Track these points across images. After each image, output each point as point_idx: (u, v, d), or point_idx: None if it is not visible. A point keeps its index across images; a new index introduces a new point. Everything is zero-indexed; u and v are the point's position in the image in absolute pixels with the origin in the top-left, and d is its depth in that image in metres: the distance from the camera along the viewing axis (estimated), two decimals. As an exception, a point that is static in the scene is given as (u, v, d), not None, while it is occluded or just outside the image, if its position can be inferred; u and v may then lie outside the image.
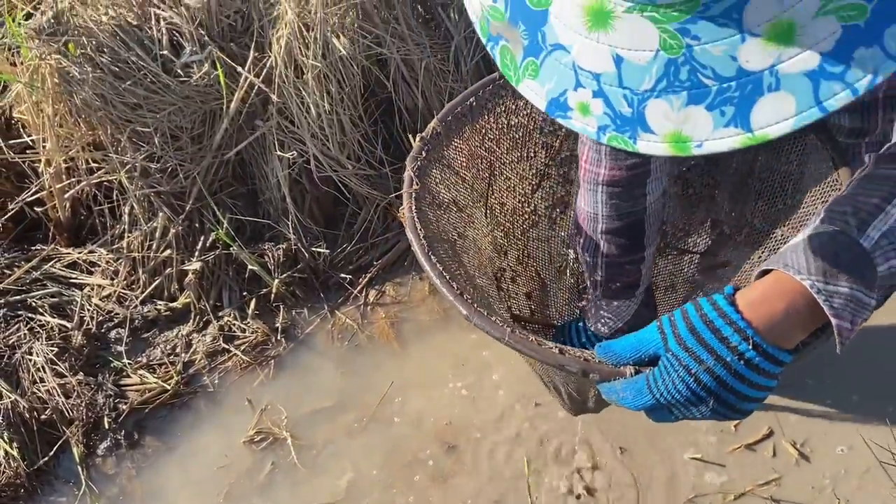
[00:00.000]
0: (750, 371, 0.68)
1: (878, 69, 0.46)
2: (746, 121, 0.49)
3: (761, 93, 0.48)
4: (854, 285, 0.67)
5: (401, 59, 1.94)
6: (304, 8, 1.73)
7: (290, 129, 1.84)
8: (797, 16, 0.46)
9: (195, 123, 1.75)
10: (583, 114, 0.55)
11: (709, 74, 0.49)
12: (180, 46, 1.67)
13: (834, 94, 0.47)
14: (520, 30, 0.57)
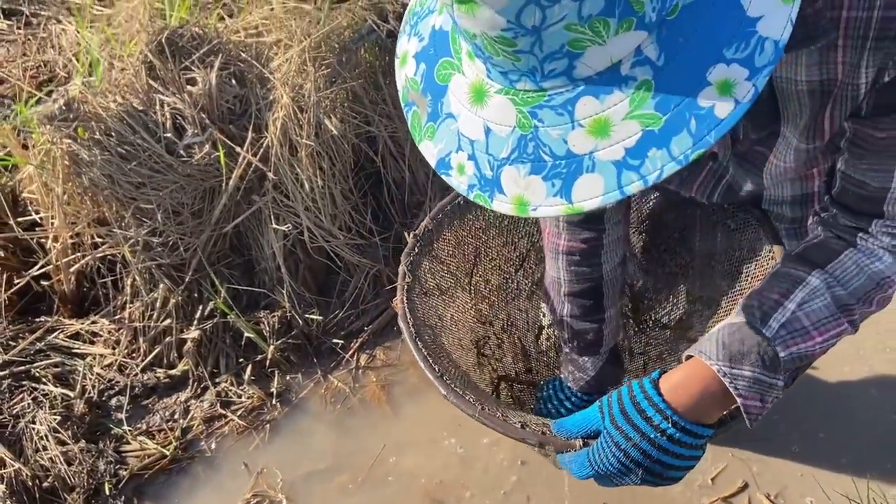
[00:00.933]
0: (672, 444, 0.78)
1: (664, 167, 0.58)
2: (569, 194, 0.61)
3: (581, 172, 0.61)
4: (757, 369, 0.78)
5: (388, 136, 2.07)
6: (298, 92, 1.86)
7: (285, 203, 1.95)
8: (612, 116, 0.59)
9: (195, 199, 1.85)
10: (459, 173, 0.67)
11: (547, 151, 0.62)
12: (182, 129, 1.79)
13: (631, 182, 0.59)
14: (427, 99, 0.70)
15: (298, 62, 1.84)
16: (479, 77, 0.64)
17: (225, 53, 1.83)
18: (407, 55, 0.73)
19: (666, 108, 0.57)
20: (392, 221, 2.17)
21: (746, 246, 1.17)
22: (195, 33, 1.81)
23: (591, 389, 1.31)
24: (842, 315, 0.81)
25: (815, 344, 0.80)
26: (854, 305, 0.81)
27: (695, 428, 0.79)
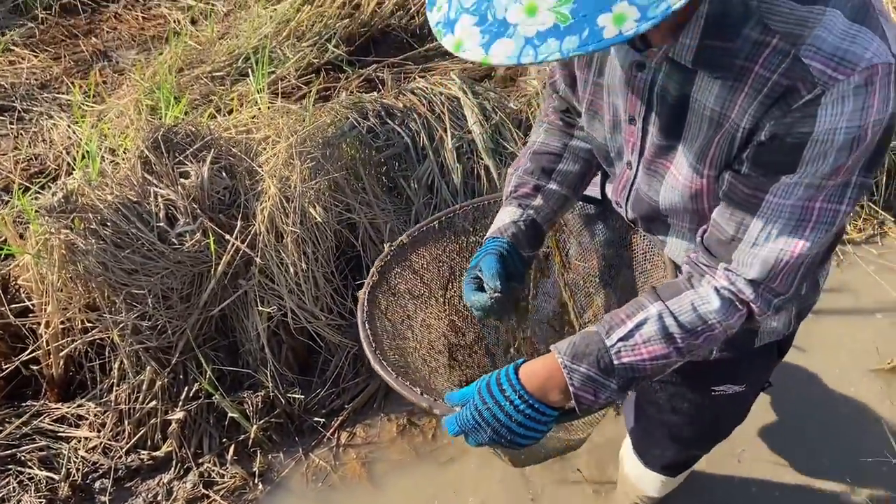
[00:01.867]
0: (516, 413, 0.97)
1: (550, 55, 0.73)
2: (488, 49, 0.75)
3: (502, 35, 0.74)
4: (592, 369, 0.96)
5: (368, 222, 2.20)
6: (284, 184, 1.99)
7: (269, 287, 2.05)
8: (541, 4, 0.73)
9: (185, 284, 1.95)
10: (437, 10, 0.81)
11: (492, 13, 0.75)
12: (175, 218, 1.90)
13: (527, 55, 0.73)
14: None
15: (285, 156, 1.98)
16: None
17: (216, 148, 1.96)
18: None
19: (576, 14, 0.72)
20: (371, 303, 2.28)
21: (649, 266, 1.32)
22: (189, 130, 1.94)
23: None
24: (667, 342, 0.95)
25: (643, 360, 0.96)
26: (679, 336, 0.95)
27: (538, 405, 0.97)
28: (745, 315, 0.96)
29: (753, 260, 0.92)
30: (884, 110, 0.81)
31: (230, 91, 2.66)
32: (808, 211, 0.88)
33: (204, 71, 2.73)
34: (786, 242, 0.90)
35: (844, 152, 0.82)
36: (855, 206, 0.91)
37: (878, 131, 0.83)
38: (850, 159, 0.83)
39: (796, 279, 0.93)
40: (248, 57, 2.71)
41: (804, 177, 0.85)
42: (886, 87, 0.80)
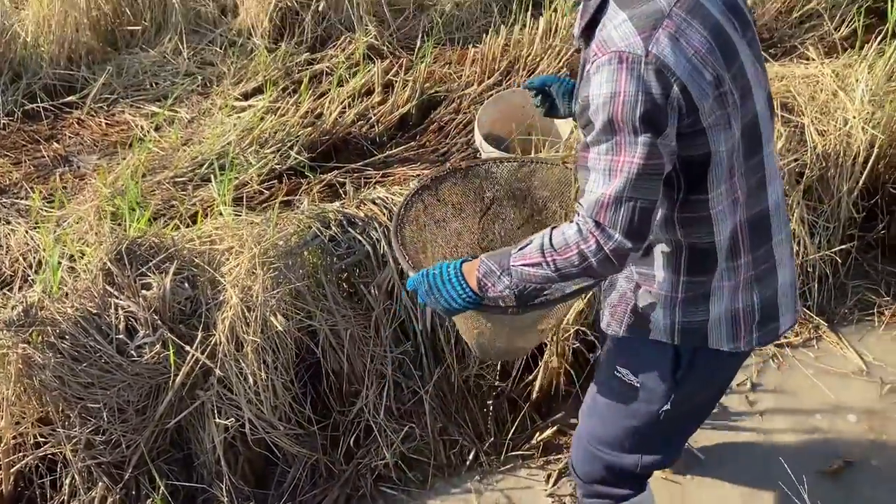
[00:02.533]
0: (445, 280, 1.35)
1: None
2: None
3: None
4: (494, 265, 1.32)
5: (328, 329, 2.23)
6: (246, 293, 2.02)
7: (228, 397, 2.04)
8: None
9: (141, 397, 1.93)
10: None
11: None
12: (134, 330, 1.91)
13: None
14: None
15: (248, 266, 2.02)
16: None
17: (180, 259, 1.99)
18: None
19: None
20: (330, 410, 2.28)
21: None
22: (153, 242, 1.97)
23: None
24: (540, 254, 1.26)
25: (525, 264, 1.28)
26: (548, 251, 1.26)
27: (460, 279, 1.35)
28: (594, 244, 1.22)
29: (585, 201, 1.23)
30: (623, 91, 1.15)
31: (192, 196, 2.71)
32: (602, 161, 1.19)
33: (167, 176, 2.78)
34: (597, 185, 1.20)
35: (603, 113, 1.17)
36: (645, 160, 1.17)
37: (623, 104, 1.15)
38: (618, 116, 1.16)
39: (620, 217, 1.19)
40: (212, 163, 2.77)
41: (599, 133, 1.18)
42: (633, 67, 1.15)
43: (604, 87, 1.15)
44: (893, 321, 2.51)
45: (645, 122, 1.15)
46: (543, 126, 2.73)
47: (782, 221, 1.40)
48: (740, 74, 1.24)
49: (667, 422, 1.48)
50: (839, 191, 2.51)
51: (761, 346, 1.47)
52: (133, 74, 3.38)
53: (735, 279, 1.35)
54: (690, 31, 1.17)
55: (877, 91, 2.61)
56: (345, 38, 3.50)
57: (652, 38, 1.15)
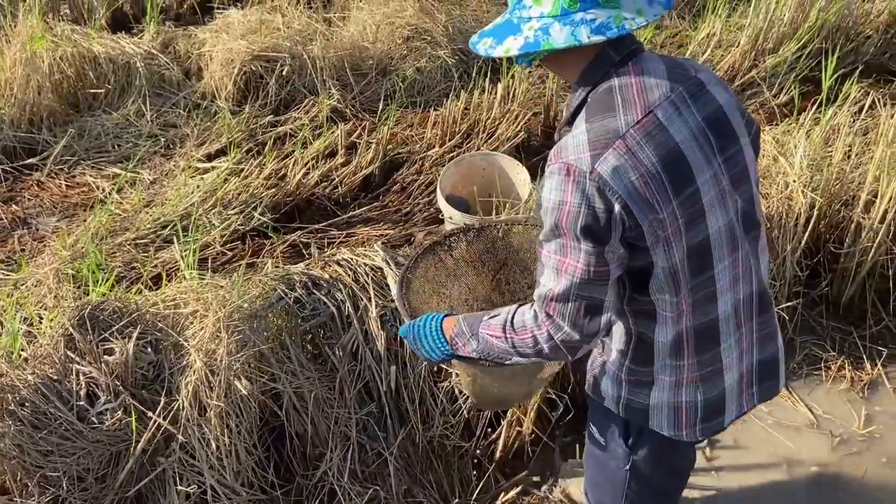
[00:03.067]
0: (427, 333, 1.49)
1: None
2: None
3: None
4: (465, 328, 1.43)
5: (293, 391, 2.23)
6: (210, 357, 2.02)
7: (189, 463, 2.01)
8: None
9: (101, 464, 1.90)
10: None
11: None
12: (96, 396, 1.89)
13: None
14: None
15: (213, 330, 2.03)
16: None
17: (143, 324, 1.99)
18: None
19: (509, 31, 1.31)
20: (294, 474, 2.26)
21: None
22: (116, 307, 1.97)
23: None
24: (501, 329, 1.36)
25: (487, 334, 1.39)
26: (508, 328, 1.35)
27: (438, 334, 1.47)
28: (546, 333, 1.30)
29: (538, 292, 1.32)
30: (572, 195, 1.23)
31: (154, 258, 2.71)
32: (552, 259, 1.28)
33: (128, 238, 2.78)
34: (548, 280, 1.29)
35: (552, 215, 1.25)
36: (587, 266, 1.25)
37: (574, 209, 1.23)
38: (562, 224, 1.24)
39: (567, 312, 1.27)
40: (175, 224, 2.79)
41: (547, 233, 1.28)
42: (572, 178, 1.23)
43: (552, 193, 1.24)
44: (840, 375, 2.62)
45: (586, 234, 1.22)
46: (504, 188, 2.83)
47: (743, 319, 1.41)
48: (691, 201, 1.27)
49: (636, 482, 1.55)
50: (783, 250, 2.64)
51: (705, 437, 1.51)
52: (95, 136, 3.39)
53: (677, 377, 1.39)
54: (641, 155, 1.22)
55: (814, 156, 2.78)
56: (308, 101, 3.58)
57: (601, 157, 1.21)
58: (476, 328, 1.41)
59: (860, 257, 2.68)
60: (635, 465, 1.53)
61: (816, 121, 3.00)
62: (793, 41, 3.77)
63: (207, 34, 3.85)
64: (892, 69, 3.95)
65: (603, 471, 1.62)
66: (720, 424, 1.46)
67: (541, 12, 1.24)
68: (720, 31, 3.88)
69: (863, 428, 2.44)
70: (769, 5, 3.83)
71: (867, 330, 2.73)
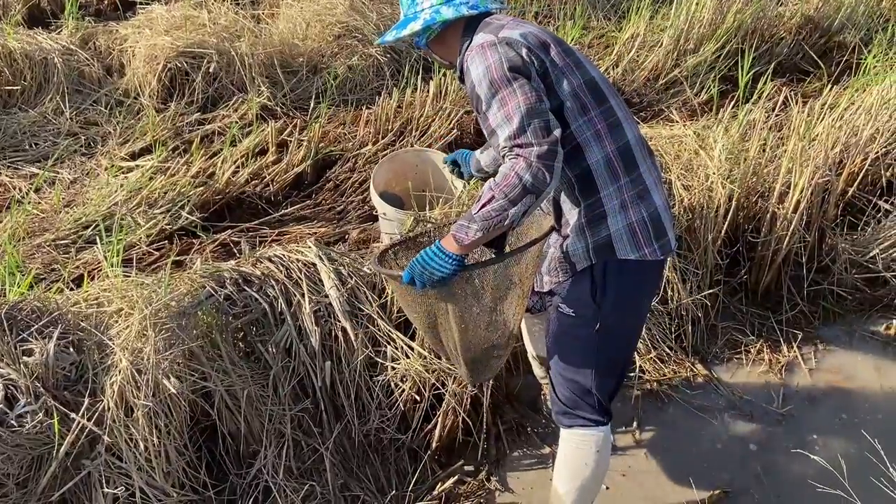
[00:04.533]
0: (431, 254, 1.61)
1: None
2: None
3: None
4: (462, 221, 1.60)
5: (224, 389, 2.19)
6: (137, 356, 1.97)
7: (117, 465, 1.95)
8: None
9: (22, 469, 1.82)
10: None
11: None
12: (15, 399, 1.81)
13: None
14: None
15: (139, 328, 1.97)
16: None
17: (64, 324, 1.92)
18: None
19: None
20: (227, 473, 2.22)
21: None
22: (35, 307, 1.90)
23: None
24: (490, 190, 1.56)
25: (483, 206, 1.57)
26: (495, 185, 1.56)
27: (442, 248, 1.61)
28: (523, 162, 1.54)
29: (502, 145, 1.59)
30: (493, 55, 1.63)
31: (76, 258, 2.61)
32: (502, 107, 1.60)
33: (47, 239, 2.68)
34: (504, 131, 1.58)
35: (486, 79, 1.62)
36: (527, 96, 1.59)
37: (497, 61, 1.62)
38: (494, 79, 1.61)
39: (528, 135, 1.56)
40: (98, 224, 2.70)
41: (490, 100, 1.61)
42: (490, 48, 1.65)
43: (478, 67, 1.64)
44: (759, 358, 2.74)
45: (513, 71, 1.61)
46: (437, 184, 2.85)
47: (645, 154, 1.78)
48: (568, 51, 1.73)
49: (604, 340, 1.81)
50: (705, 240, 2.74)
51: (664, 256, 1.76)
52: (11, 135, 3.26)
53: (620, 197, 1.71)
54: (524, 24, 1.74)
55: (732, 150, 2.90)
56: (237, 98, 3.53)
57: (500, 32, 1.68)
58: (469, 215, 1.59)
59: (776, 245, 2.81)
60: (604, 322, 1.78)
61: (734, 117, 3.14)
62: (712, 41, 3.93)
63: (129, 30, 3.75)
64: (803, 69, 4.16)
65: (574, 345, 1.86)
66: (669, 244, 1.76)
67: (430, 3, 1.76)
68: (644, 31, 4.01)
69: (781, 408, 2.56)
70: (689, 7, 3.98)
71: (784, 314, 2.86)
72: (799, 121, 2.99)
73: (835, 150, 2.98)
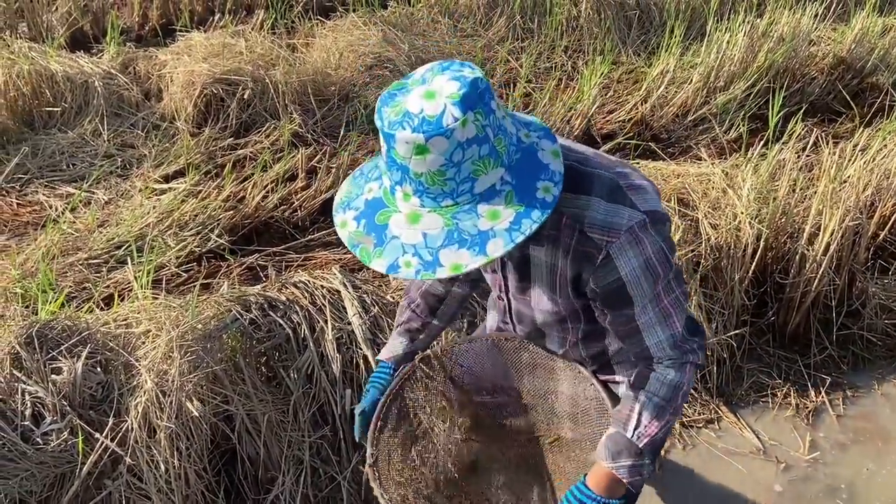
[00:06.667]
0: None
1: (532, 225, 1.11)
2: (484, 251, 1.09)
3: (489, 239, 1.10)
4: (630, 460, 1.33)
5: (245, 413, 2.20)
6: (162, 378, 1.99)
7: (137, 486, 1.97)
8: (499, 208, 1.12)
9: (45, 487, 1.84)
10: (406, 267, 1.11)
11: (466, 234, 1.10)
12: (41, 416, 1.84)
13: (519, 235, 1.11)
14: (371, 237, 1.15)
15: (165, 350, 2.00)
16: (413, 209, 1.13)
17: (93, 343, 1.95)
18: (346, 221, 1.20)
19: (521, 200, 1.11)
20: (245, 498, 2.22)
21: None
22: (65, 326, 1.93)
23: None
24: (662, 412, 1.33)
25: (656, 433, 1.33)
26: (667, 405, 1.34)
27: (611, 500, 1.34)
28: (690, 365, 1.36)
29: (660, 349, 1.34)
30: (653, 244, 1.24)
31: (107, 278, 2.66)
32: (665, 309, 1.31)
33: (80, 258, 2.73)
34: (662, 335, 1.33)
35: (649, 273, 1.26)
36: (684, 286, 1.36)
37: (658, 251, 1.26)
38: (655, 273, 1.26)
39: (691, 337, 1.36)
40: (130, 245, 2.75)
41: (644, 299, 1.28)
42: (644, 232, 1.23)
43: (638, 254, 1.24)
44: (785, 402, 2.69)
45: (672, 251, 1.32)
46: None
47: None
48: None
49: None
50: (731, 279, 2.72)
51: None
52: (49, 155, 3.35)
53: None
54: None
55: (761, 189, 2.88)
56: (269, 125, 3.60)
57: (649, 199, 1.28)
58: (636, 449, 1.33)
59: (804, 287, 2.77)
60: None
61: (763, 156, 3.12)
62: (742, 80, 3.93)
63: (169, 56, 3.84)
64: (835, 109, 4.13)
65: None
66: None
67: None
68: (673, 68, 4.02)
69: (807, 454, 2.50)
70: (720, 45, 3.99)
71: (812, 358, 2.82)
72: (830, 162, 2.97)
73: (866, 192, 2.95)
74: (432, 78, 1.11)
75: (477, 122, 1.07)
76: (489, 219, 1.10)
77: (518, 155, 1.14)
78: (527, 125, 1.20)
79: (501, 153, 1.11)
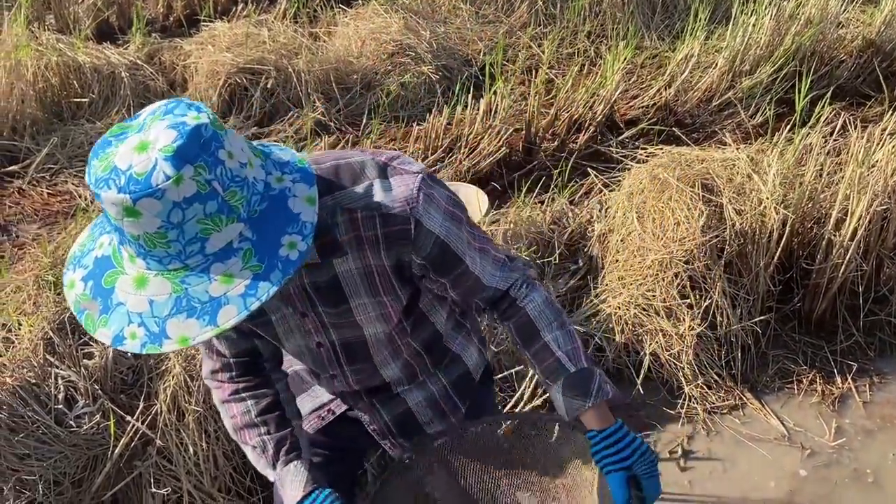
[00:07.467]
0: (628, 433, 1.32)
1: (269, 290, 0.95)
2: (215, 321, 0.94)
3: (220, 306, 0.94)
4: (594, 382, 1.29)
5: (271, 398, 2.24)
6: (190, 362, 2.03)
7: (167, 468, 2.02)
8: (233, 270, 0.95)
9: (78, 469, 1.89)
10: (132, 339, 0.96)
11: (196, 301, 0.94)
12: (74, 400, 1.89)
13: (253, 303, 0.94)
14: (97, 302, 0.98)
15: (193, 336, 2.04)
16: (139, 271, 0.97)
17: (123, 329, 1.99)
18: (74, 281, 1.03)
19: (262, 259, 0.96)
20: (271, 481, 2.26)
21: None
22: (97, 311, 1.97)
23: None
24: (565, 322, 1.32)
25: (576, 342, 1.31)
26: (559, 316, 1.33)
27: (621, 423, 1.32)
28: (533, 278, 1.35)
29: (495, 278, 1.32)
30: (441, 194, 1.20)
31: (135, 266, 2.71)
32: (482, 247, 1.28)
33: (109, 246, 2.79)
34: (494, 259, 1.31)
35: (455, 221, 1.21)
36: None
37: (447, 198, 1.21)
38: (458, 219, 1.22)
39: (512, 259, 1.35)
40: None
41: (464, 246, 1.23)
42: (430, 187, 1.18)
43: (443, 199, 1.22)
44: (811, 389, 2.67)
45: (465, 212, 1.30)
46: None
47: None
48: None
49: None
50: (756, 265, 2.70)
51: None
52: (78, 145, 3.41)
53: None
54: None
55: (787, 175, 2.85)
56: (293, 113, 3.62)
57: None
58: (587, 366, 1.32)
59: (831, 273, 2.74)
60: None
61: (790, 141, 3.08)
62: (769, 64, 3.88)
63: (193, 46, 3.88)
64: (863, 93, 4.06)
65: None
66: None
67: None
68: (698, 52, 3.97)
69: (833, 441, 2.49)
70: (746, 29, 3.93)
71: (838, 345, 2.79)
72: (858, 146, 2.92)
73: (895, 177, 2.90)
74: (151, 124, 0.95)
75: (198, 177, 0.92)
76: (223, 283, 0.95)
77: (264, 205, 0.99)
78: (282, 166, 1.06)
79: (237, 207, 0.96)
